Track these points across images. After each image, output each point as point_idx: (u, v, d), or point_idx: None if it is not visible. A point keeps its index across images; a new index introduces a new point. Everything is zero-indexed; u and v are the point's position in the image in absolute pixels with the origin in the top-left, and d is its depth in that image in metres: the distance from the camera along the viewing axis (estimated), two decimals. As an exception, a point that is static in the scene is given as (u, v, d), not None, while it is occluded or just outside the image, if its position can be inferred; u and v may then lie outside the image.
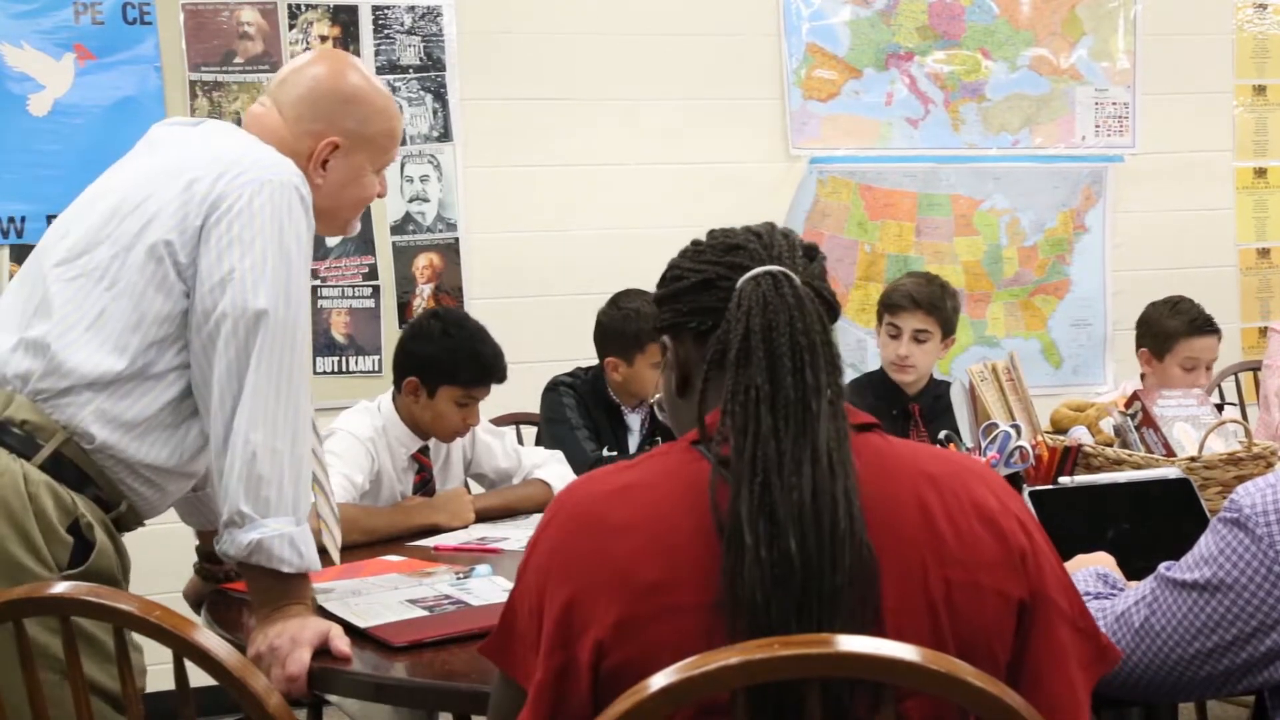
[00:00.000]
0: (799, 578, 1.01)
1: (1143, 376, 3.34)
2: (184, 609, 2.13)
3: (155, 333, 1.68)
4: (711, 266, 1.19)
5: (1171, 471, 2.02)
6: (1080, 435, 2.39)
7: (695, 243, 1.25)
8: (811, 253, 1.21)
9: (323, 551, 1.82)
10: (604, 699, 1.06)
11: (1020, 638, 1.11)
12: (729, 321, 1.11)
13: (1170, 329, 3.23)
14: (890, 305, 3.13)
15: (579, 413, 3.02)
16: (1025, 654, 1.11)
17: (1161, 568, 1.39)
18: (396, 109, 1.95)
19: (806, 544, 1.02)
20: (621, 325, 2.99)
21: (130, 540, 1.79)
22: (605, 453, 2.96)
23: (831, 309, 1.18)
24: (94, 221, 1.74)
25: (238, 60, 3.70)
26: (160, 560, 2.66)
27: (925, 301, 3.07)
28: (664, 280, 1.25)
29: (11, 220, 3.52)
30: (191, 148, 1.79)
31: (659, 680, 0.94)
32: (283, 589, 1.61)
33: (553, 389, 3.09)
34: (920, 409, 3.13)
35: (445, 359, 2.54)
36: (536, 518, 1.23)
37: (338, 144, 1.84)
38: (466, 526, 2.49)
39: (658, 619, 1.06)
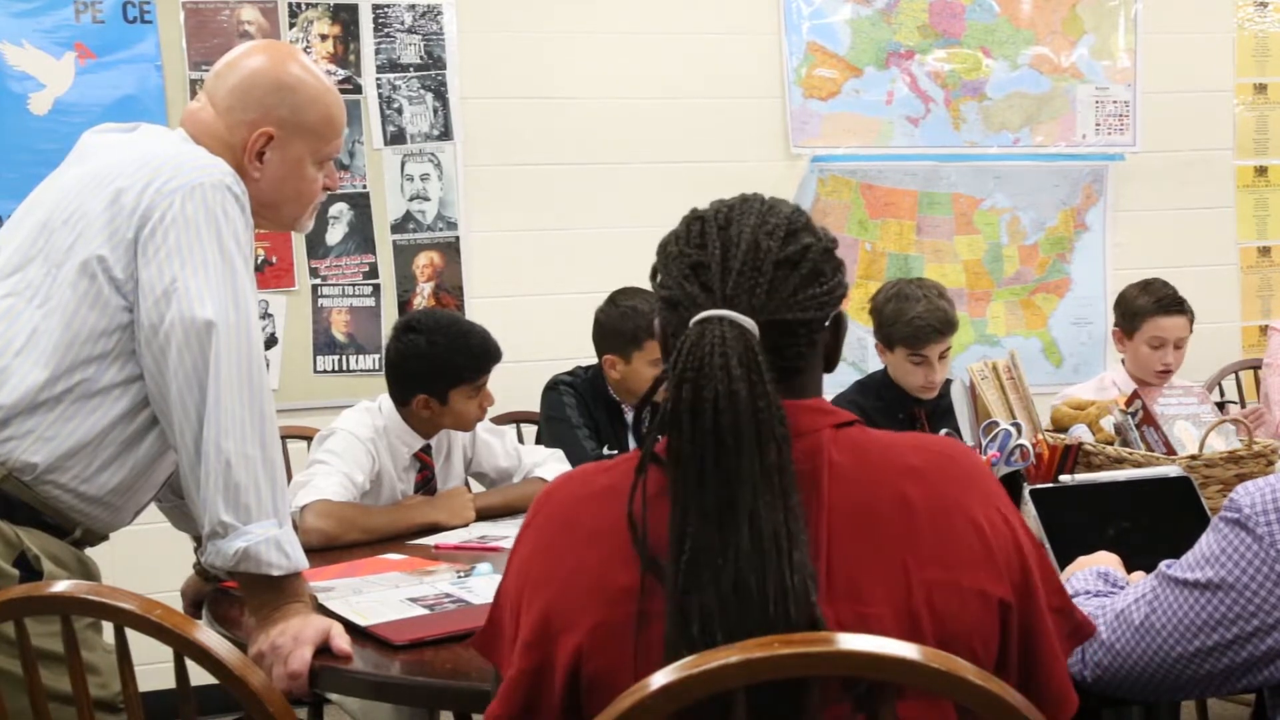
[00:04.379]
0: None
1: (1123, 361, 3.44)
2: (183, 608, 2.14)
3: (91, 349, 1.64)
4: (676, 284, 1.15)
5: (1172, 470, 2.02)
6: (1081, 433, 2.39)
7: (688, 221, 1.20)
8: (795, 257, 1.13)
9: None
10: (584, 704, 1.08)
11: (1006, 638, 1.11)
12: (670, 374, 1.08)
13: (1139, 308, 3.33)
14: (912, 339, 2.98)
15: (579, 411, 3.02)
16: (1017, 654, 1.12)
17: (1162, 565, 1.39)
18: (336, 97, 1.87)
19: (729, 627, 1.00)
20: (619, 323, 2.99)
21: (129, 540, 1.78)
22: (605, 451, 2.97)
23: (789, 329, 1.12)
24: (25, 237, 1.70)
25: (238, 59, 3.69)
26: (160, 560, 2.67)
27: (949, 325, 3.00)
28: (660, 249, 1.21)
29: (12, 219, 3.52)
30: (119, 154, 1.73)
31: (659, 679, 0.94)
32: (277, 591, 1.61)
33: (553, 388, 3.09)
34: (925, 412, 3.12)
35: (443, 366, 2.54)
36: (536, 517, 1.23)
37: (272, 134, 1.78)
38: (467, 525, 2.49)
39: (630, 627, 1.06)
